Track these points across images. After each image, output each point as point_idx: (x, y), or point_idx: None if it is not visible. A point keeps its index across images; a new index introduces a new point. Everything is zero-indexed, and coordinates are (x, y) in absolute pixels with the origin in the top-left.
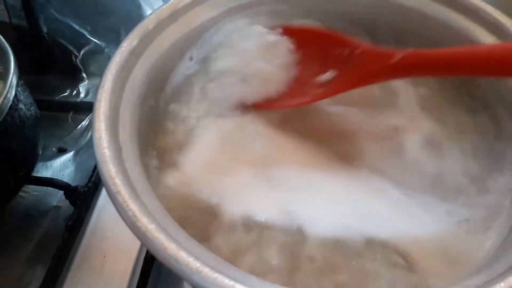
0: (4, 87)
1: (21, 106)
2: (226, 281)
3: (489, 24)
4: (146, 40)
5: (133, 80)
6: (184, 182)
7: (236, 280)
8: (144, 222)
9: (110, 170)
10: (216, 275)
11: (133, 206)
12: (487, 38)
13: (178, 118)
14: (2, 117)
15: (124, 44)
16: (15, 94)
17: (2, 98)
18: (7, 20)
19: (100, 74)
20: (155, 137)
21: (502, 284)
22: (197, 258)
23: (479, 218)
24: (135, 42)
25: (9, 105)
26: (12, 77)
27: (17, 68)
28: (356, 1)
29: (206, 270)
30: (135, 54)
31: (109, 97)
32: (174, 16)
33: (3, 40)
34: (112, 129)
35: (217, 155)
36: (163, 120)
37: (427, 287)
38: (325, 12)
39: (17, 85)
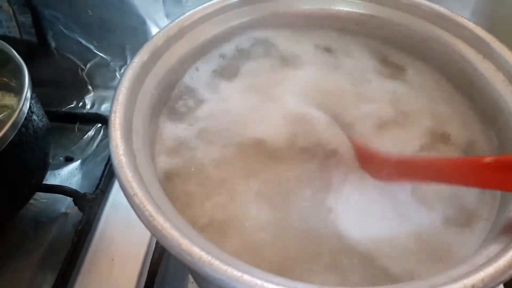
0: (19, 100)
1: (34, 117)
2: (235, 272)
3: (471, 39)
4: (155, 56)
5: (144, 93)
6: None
7: (244, 271)
8: (160, 221)
9: (127, 175)
10: (226, 267)
11: (149, 207)
12: (468, 52)
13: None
14: (18, 128)
15: (135, 60)
16: (29, 107)
17: (18, 110)
18: (19, 36)
19: (105, 86)
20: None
21: (481, 273)
22: (209, 253)
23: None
24: (145, 58)
25: (24, 117)
26: (27, 91)
27: (31, 82)
28: (347, 17)
29: (217, 263)
30: (145, 69)
31: (123, 109)
32: (181, 33)
33: (18, 56)
34: (126, 137)
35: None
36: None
37: (410, 278)
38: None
39: (31, 98)
